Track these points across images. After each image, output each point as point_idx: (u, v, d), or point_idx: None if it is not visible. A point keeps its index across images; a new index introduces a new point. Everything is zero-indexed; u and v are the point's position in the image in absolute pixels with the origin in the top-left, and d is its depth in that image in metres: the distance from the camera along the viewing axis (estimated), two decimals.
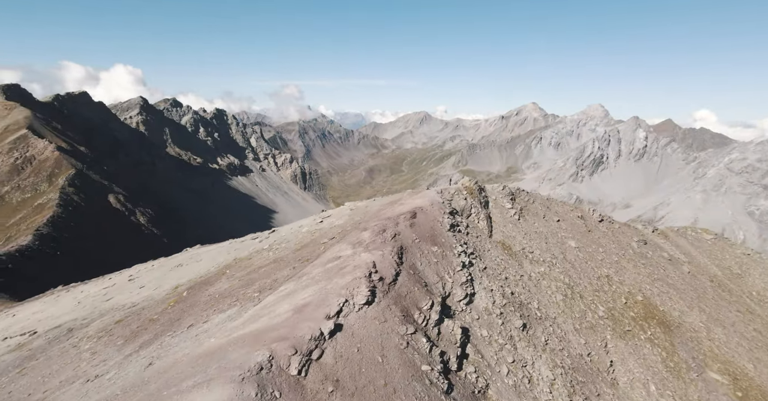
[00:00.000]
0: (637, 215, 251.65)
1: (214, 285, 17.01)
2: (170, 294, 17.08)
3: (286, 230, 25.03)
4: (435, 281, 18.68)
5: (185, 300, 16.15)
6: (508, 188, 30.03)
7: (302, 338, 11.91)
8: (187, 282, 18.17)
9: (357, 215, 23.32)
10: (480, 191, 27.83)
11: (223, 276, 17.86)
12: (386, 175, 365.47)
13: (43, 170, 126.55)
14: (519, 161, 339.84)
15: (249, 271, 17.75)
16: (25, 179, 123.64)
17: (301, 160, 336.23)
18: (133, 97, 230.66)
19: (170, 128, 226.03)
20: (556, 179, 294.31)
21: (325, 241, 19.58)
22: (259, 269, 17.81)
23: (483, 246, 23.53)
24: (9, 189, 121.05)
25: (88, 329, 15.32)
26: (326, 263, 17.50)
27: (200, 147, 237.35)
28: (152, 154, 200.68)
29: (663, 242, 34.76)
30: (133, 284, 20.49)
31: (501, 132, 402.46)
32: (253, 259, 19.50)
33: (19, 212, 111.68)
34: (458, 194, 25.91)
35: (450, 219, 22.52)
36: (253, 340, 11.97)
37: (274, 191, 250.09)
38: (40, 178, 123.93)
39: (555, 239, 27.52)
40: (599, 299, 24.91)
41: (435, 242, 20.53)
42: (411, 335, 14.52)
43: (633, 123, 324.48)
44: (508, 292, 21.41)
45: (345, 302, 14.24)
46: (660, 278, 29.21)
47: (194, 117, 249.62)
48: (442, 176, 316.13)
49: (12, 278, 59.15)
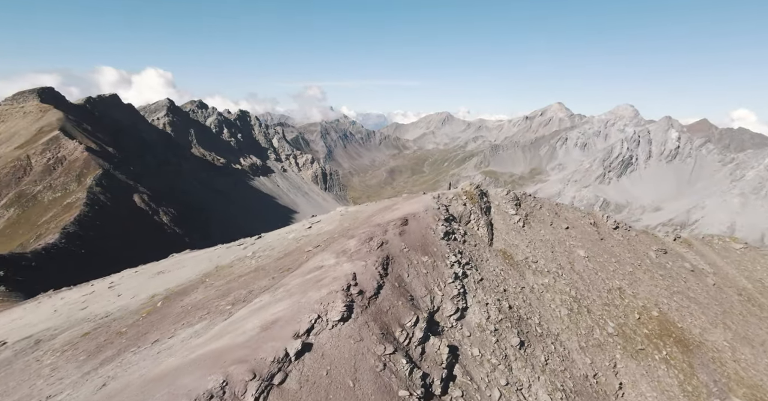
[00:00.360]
0: (669, 218, 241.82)
1: (190, 295, 16.29)
2: (146, 304, 16.51)
3: (273, 236, 24.22)
4: (423, 295, 17.42)
5: (158, 311, 15.50)
6: (513, 193, 28.35)
7: (264, 360, 10.93)
8: (164, 291, 17.55)
9: (347, 221, 22.28)
10: (481, 196, 26.30)
11: (201, 285, 17.16)
12: (407, 176, 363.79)
13: (72, 170, 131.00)
14: (543, 163, 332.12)
15: (228, 280, 16.98)
16: (56, 179, 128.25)
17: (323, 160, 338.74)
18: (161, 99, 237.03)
19: (195, 129, 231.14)
20: (582, 180, 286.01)
21: (309, 249, 18.64)
22: (238, 278, 17.02)
23: (481, 256, 22.07)
24: (41, 188, 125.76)
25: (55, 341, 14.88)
26: (306, 273, 16.52)
27: (224, 148, 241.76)
28: (177, 154, 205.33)
29: (685, 252, 32.27)
30: (112, 292, 20.09)
31: (525, 133, 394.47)
32: (235, 267, 18.75)
33: (50, 211, 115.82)
34: (457, 199, 24.49)
35: (445, 226, 21.17)
36: (212, 362, 11.07)
37: (295, 191, 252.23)
38: (69, 178, 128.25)
39: (562, 248, 25.73)
40: (609, 314, 23.04)
41: (426, 251, 19.25)
42: (389, 355, 13.34)
43: (665, 123, 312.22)
44: (505, 306, 19.92)
45: (317, 318, 13.18)
46: (680, 291, 26.97)
47: (218, 118, 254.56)
48: (464, 177, 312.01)
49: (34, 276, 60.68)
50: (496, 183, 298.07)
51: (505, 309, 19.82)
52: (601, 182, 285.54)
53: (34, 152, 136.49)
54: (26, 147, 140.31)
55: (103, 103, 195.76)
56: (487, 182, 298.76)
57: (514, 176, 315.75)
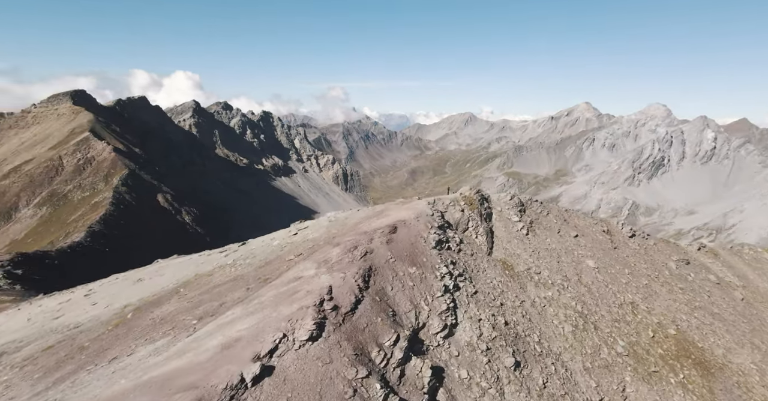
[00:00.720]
0: (703, 222, 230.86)
1: (162, 306, 15.58)
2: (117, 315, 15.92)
3: (257, 242, 23.33)
4: (407, 310, 16.17)
5: (126, 323, 14.86)
6: (518, 198, 26.61)
7: (215, 388, 10.01)
8: (138, 301, 16.92)
9: (334, 228, 21.21)
10: (482, 202, 24.72)
11: (175, 296, 16.44)
12: (429, 177, 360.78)
13: (100, 170, 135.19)
14: (569, 164, 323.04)
15: (203, 291, 16.22)
16: (85, 179, 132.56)
17: (345, 161, 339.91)
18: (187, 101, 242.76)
19: (219, 130, 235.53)
20: (610, 182, 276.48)
21: (291, 258, 17.69)
22: (214, 288, 16.23)
23: (478, 266, 20.61)
24: (71, 188, 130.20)
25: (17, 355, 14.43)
26: (283, 284, 15.56)
27: (247, 148, 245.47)
28: (202, 155, 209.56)
29: (711, 262, 29.72)
30: (88, 301, 19.63)
31: (550, 133, 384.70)
32: (213, 276, 17.97)
33: (79, 210, 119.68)
34: (454, 205, 23.04)
35: (438, 234, 19.83)
36: (159, 388, 10.24)
37: (316, 191, 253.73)
38: (97, 177, 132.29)
39: (570, 258, 23.90)
40: (619, 331, 21.16)
41: (414, 261, 17.99)
42: (362, 379, 12.22)
43: (700, 123, 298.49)
44: (500, 322, 18.43)
45: (282, 337, 12.15)
46: (702, 306, 24.71)
47: (242, 119, 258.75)
48: (486, 178, 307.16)
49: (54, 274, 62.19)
50: (519, 184, 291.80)
51: (501, 325, 18.33)
52: (630, 184, 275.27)
53: (66, 152, 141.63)
54: (59, 148, 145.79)
55: (132, 105, 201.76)
56: (510, 184, 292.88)
57: (539, 177, 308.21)
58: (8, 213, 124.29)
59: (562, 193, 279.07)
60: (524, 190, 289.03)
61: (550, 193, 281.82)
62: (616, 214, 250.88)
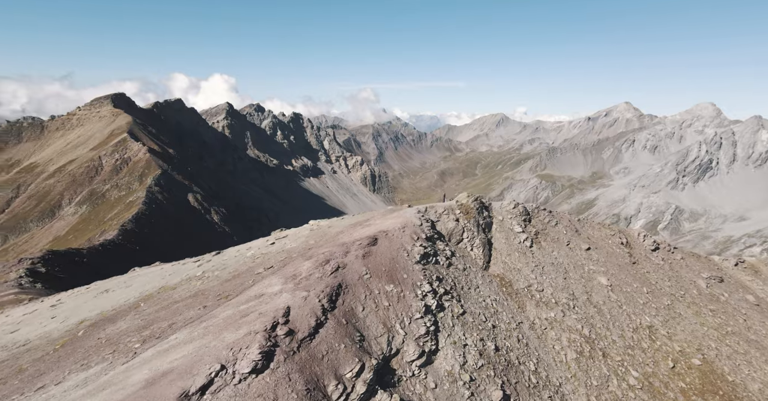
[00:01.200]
0: (756, 229, 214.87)
1: (116, 323, 14.63)
2: (69, 332, 15.04)
3: (231, 252, 22.19)
4: (379, 334, 14.52)
5: (73, 343, 13.97)
6: (522, 206, 24.27)
7: None
8: (95, 316, 16.02)
9: (314, 238, 19.80)
10: (480, 210, 22.63)
11: (132, 311, 15.47)
12: (458, 178, 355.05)
13: (135, 171, 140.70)
14: (606, 166, 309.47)
15: (161, 306, 15.20)
16: (121, 178, 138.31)
17: (374, 162, 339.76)
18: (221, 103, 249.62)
19: (251, 131, 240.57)
20: (651, 186, 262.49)
21: (260, 271, 16.43)
22: (173, 305, 15.17)
23: (470, 282, 18.67)
24: (109, 187, 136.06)
25: None
26: (241, 303, 14.28)
27: (277, 149, 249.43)
28: (234, 156, 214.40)
29: (750, 280, 26.29)
30: (49, 313, 18.96)
31: (586, 134, 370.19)
32: (178, 289, 16.92)
33: (115, 208, 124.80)
34: (448, 213, 21.12)
35: (423, 247, 18.06)
36: None
37: (344, 192, 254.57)
38: (133, 177, 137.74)
39: (578, 274, 21.47)
40: (633, 360, 18.66)
41: (393, 278, 16.34)
42: None
43: (754, 123, 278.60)
44: (490, 347, 16.48)
45: (220, 370, 10.64)
46: (736, 331, 21.67)
47: (273, 121, 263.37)
48: (518, 181, 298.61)
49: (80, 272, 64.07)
50: (552, 187, 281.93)
51: (490, 351, 16.38)
52: (673, 187, 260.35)
53: (105, 153, 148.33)
54: (99, 149, 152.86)
55: (169, 107, 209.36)
56: (543, 186, 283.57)
57: (573, 179, 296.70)
58: (52, 211, 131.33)
59: (598, 196, 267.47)
60: (557, 193, 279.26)
61: (585, 196, 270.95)
62: (657, 219, 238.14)
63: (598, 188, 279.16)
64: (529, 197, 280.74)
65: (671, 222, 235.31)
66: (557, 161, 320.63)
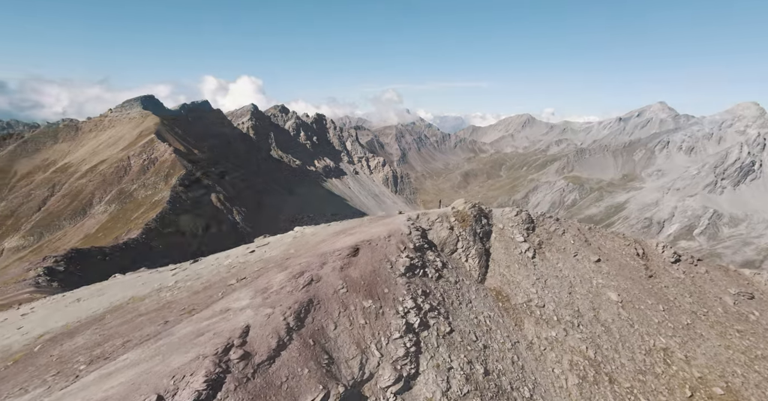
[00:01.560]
0: None
1: (74, 338, 13.91)
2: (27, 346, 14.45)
3: (209, 261, 21.27)
4: (351, 356, 13.28)
5: (26, 360, 13.33)
6: (526, 213, 22.48)
7: None
8: (58, 329, 15.36)
9: (295, 246, 18.76)
10: (478, 218, 21.04)
11: (95, 324, 14.76)
12: (482, 180, 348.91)
13: (162, 171, 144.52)
14: (638, 168, 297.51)
15: (124, 320, 14.46)
16: (148, 178, 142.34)
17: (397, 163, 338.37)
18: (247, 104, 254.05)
19: (275, 132, 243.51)
20: (687, 189, 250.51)
21: (233, 282, 15.51)
22: (136, 318, 14.42)
23: (461, 297, 17.24)
24: (137, 187, 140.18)
25: None
26: (202, 320, 13.37)
27: (300, 150, 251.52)
28: (257, 156, 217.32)
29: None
30: (17, 323, 18.50)
31: (617, 135, 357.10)
32: (146, 301, 16.15)
33: (142, 207, 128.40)
34: (442, 221, 19.67)
35: (410, 258, 16.76)
36: None
37: (366, 193, 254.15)
38: (159, 177, 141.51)
39: (585, 288, 19.62)
40: (644, 387, 16.78)
41: (372, 292, 15.12)
42: None
43: None
44: (478, 371, 15.02)
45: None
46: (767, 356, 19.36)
47: (296, 122, 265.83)
48: (544, 183, 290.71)
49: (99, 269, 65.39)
50: (580, 190, 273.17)
51: (478, 375, 14.92)
52: (711, 191, 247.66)
53: (133, 153, 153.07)
54: (128, 149, 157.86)
55: (196, 108, 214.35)
56: (570, 189, 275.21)
57: (602, 182, 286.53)
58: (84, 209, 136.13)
59: (629, 199, 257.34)
60: (585, 195, 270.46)
61: (615, 199, 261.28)
62: (693, 223, 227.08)
63: (629, 191, 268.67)
64: (556, 200, 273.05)
65: (708, 227, 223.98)
66: (585, 162, 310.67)
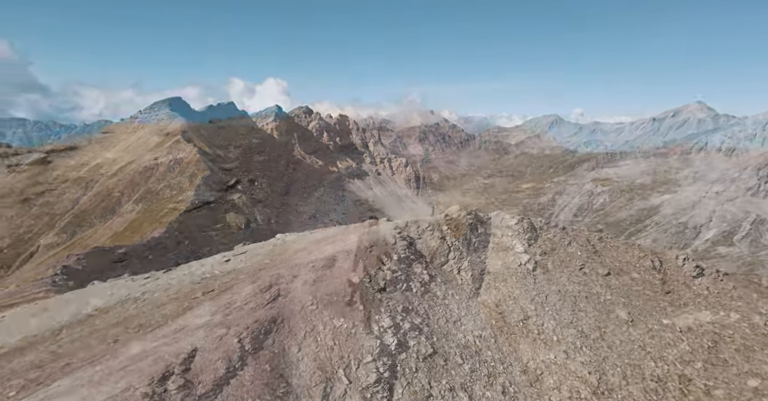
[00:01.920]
0: None
1: (24, 355, 13.06)
2: None
3: (183, 270, 20.15)
4: (315, 383, 12.05)
5: None
6: (528, 221, 20.62)
7: None
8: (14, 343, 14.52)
9: (271, 256, 17.61)
10: (474, 226, 19.38)
11: (50, 340, 13.91)
12: (507, 181, 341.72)
13: (187, 171, 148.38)
14: (672, 170, 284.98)
15: (77, 337, 13.65)
16: (174, 178, 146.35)
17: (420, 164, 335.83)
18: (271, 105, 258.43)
19: (298, 133, 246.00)
20: (726, 192, 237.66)
21: (198, 295, 14.55)
22: (91, 334, 13.61)
23: (449, 314, 15.76)
24: (163, 186, 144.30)
25: None
26: (157, 338, 12.49)
27: (322, 151, 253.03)
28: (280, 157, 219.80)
29: None
30: None
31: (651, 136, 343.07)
32: (109, 313, 15.26)
33: (167, 207, 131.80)
34: (433, 230, 18.14)
35: (392, 271, 15.42)
36: None
37: (388, 194, 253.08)
38: (184, 177, 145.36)
39: (591, 305, 17.72)
40: None
41: (343, 310, 13.87)
42: None
43: None
44: (462, 400, 13.52)
45: None
46: None
47: (319, 123, 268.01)
48: (571, 185, 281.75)
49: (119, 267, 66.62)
50: (610, 193, 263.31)
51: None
52: (754, 194, 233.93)
53: (161, 154, 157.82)
54: (155, 150, 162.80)
55: (222, 110, 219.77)
56: (599, 191, 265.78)
57: (634, 184, 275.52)
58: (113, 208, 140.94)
59: (662, 203, 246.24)
60: (615, 198, 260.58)
61: (647, 202, 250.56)
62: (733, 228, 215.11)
63: (663, 194, 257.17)
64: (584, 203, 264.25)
65: (751, 232, 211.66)
66: (616, 164, 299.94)
